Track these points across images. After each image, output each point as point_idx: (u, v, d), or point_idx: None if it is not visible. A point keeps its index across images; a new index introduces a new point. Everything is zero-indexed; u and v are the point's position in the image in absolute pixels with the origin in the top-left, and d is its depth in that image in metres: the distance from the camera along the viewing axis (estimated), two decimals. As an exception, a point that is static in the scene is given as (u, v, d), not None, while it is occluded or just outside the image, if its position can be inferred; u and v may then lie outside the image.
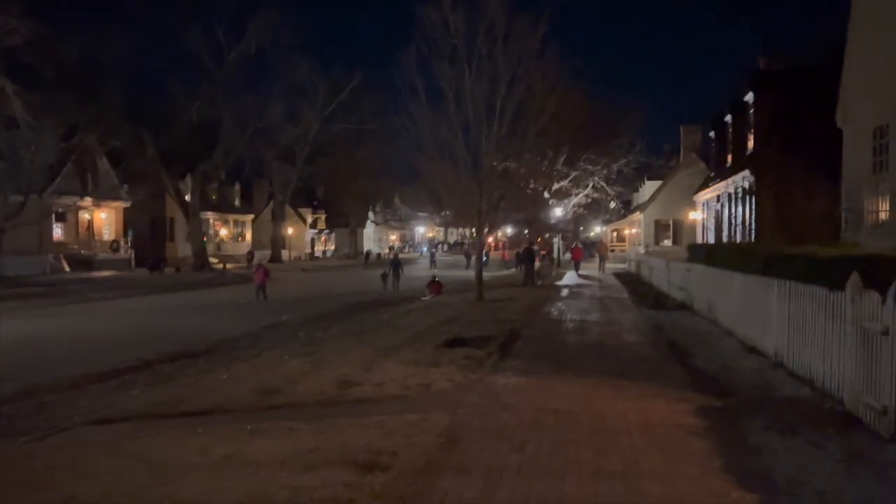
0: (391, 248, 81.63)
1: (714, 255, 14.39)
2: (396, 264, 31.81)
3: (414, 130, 19.87)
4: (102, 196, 44.63)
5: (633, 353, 10.26)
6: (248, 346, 15.57)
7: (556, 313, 16.29)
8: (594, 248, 50.14)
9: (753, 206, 21.01)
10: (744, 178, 22.09)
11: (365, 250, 70.80)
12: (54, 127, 32.89)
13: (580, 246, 43.35)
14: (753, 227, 20.94)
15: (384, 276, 31.54)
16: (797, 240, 15.67)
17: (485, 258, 46.73)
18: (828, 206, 15.71)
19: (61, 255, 40.93)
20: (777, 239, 15.68)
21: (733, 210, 24.41)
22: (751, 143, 22.93)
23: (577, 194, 46.19)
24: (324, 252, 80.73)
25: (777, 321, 8.96)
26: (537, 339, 11.65)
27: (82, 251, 43.14)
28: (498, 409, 6.66)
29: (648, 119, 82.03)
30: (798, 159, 18.37)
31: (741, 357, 9.75)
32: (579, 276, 33.14)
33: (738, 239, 22.95)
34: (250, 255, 50.02)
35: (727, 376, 8.52)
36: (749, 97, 23.03)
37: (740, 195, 23.38)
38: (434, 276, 27.25)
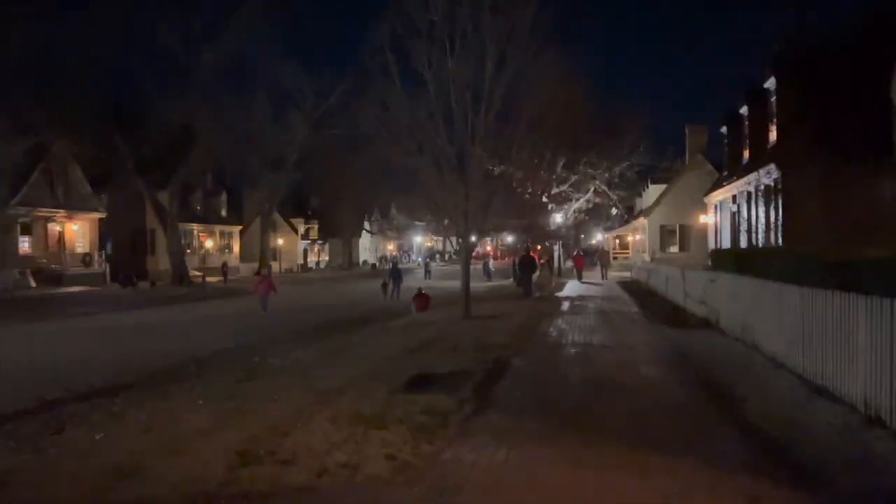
0: (383, 258, 79.16)
1: (747, 261, 11.71)
2: (397, 274, 31.50)
3: (389, 124, 17.24)
4: (75, 206, 41.98)
5: (657, 398, 7.53)
6: (181, 379, 12.92)
7: (554, 334, 13.56)
8: (595, 256, 47.76)
9: (780, 205, 18.28)
10: (767, 174, 19.40)
11: (390, 258, 68.09)
12: (9, 133, 30.34)
13: (581, 254, 41.89)
14: (780, 228, 18.22)
15: (384, 286, 30.69)
16: (842, 241, 13.01)
17: (492, 268, 44.49)
18: (879, 199, 13.05)
19: (27, 270, 38.21)
20: (822, 240, 12.99)
21: (754, 211, 21.69)
22: (773, 135, 20.24)
23: (577, 199, 43.72)
24: (317, 263, 78.00)
25: (868, 356, 6.25)
26: (528, 376, 8.92)
27: (52, 265, 40.44)
28: (448, 534, 3.95)
29: (651, 119, 78.84)
30: (835, 148, 15.71)
31: (809, 404, 7.02)
32: (582, 283, 32.92)
33: (761, 243, 20.23)
34: (225, 267, 47.42)
35: (802, 441, 5.80)
36: (770, 83, 20.37)
37: (762, 193, 20.66)
38: (420, 289, 24.51)
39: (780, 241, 18.13)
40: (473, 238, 17.45)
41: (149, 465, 5.84)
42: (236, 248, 63.44)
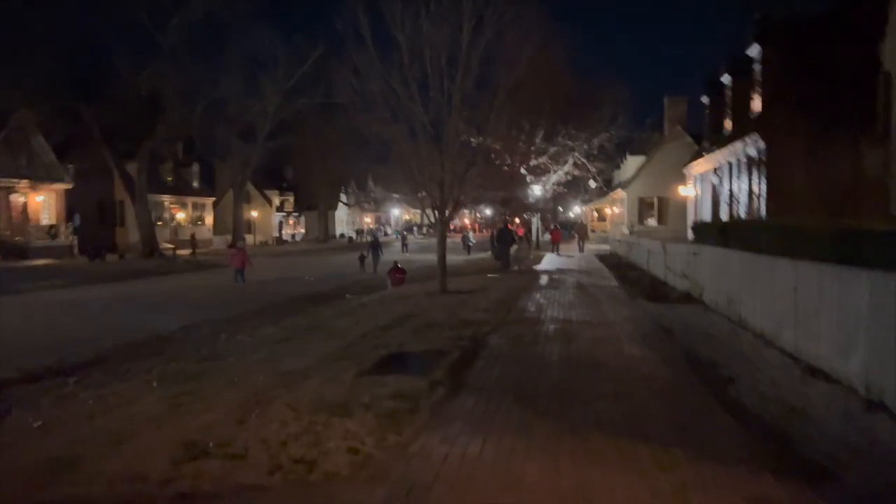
0: (360, 231, 78.62)
1: (733, 233, 11.28)
2: (375, 246, 31.26)
3: (362, 90, 16.48)
4: (39, 177, 40.55)
5: (643, 378, 7.07)
6: (141, 358, 12.34)
7: (533, 309, 13.09)
8: (573, 230, 47.57)
9: (764, 176, 17.91)
10: (751, 145, 18.99)
11: (366, 231, 66.85)
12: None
13: (558, 227, 41.86)
14: (764, 200, 17.87)
15: (362, 259, 30.54)
16: (830, 213, 12.67)
17: (471, 241, 43.90)
18: (865, 169, 12.70)
19: (-11, 244, 36.96)
20: (808, 212, 12.62)
21: (736, 182, 21.33)
22: (757, 105, 19.81)
23: (556, 171, 43.29)
24: (293, 236, 76.97)
25: (870, 337, 5.81)
26: (506, 356, 8.42)
27: (16, 238, 39.12)
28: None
29: (631, 90, 77.82)
30: (821, 117, 15.31)
31: (804, 386, 6.60)
32: (559, 256, 33.11)
33: (743, 215, 19.90)
34: (193, 239, 46.43)
35: (800, 429, 5.36)
36: (754, 51, 19.87)
37: (745, 164, 20.28)
38: (396, 263, 23.97)
39: (763, 212, 17.80)
40: (449, 210, 16.84)
41: (88, 458, 5.27)
42: (209, 220, 62.22)
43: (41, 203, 42.07)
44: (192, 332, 15.49)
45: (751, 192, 19.13)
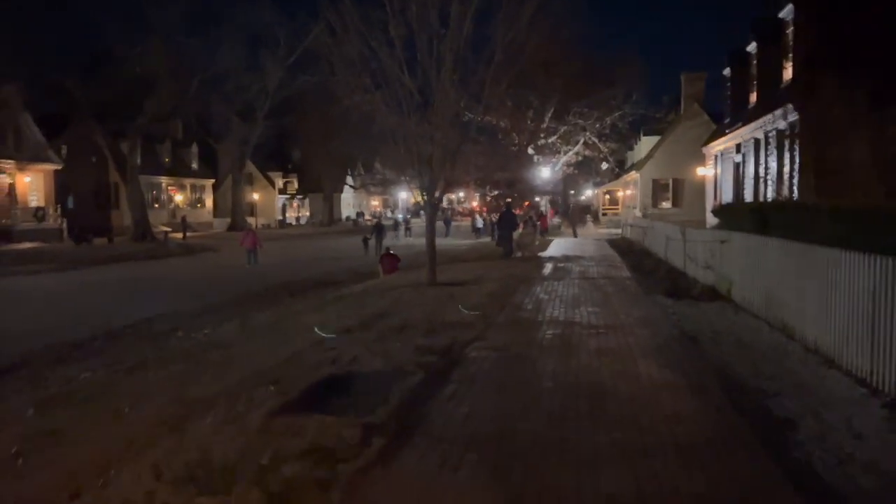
0: (360, 214, 77.14)
1: (774, 219, 9.24)
2: (380, 229, 30.90)
3: (342, 53, 14.49)
4: (26, 157, 38.79)
5: (666, 420, 5.07)
6: (74, 360, 10.73)
7: (530, 307, 11.12)
8: (570, 213, 45.07)
9: (797, 152, 15.78)
10: (781, 117, 16.85)
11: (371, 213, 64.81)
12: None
13: (544, 214, 40.85)
14: (797, 179, 15.76)
15: (366, 241, 30.43)
16: (888, 194, 10.65)
17: (480, 225, 41.81)
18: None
19: (-29, 227, 35.35)
20: (852, 192, 10.59)
21: (762, 161, 19.17)
22: (789, 73, 17.63)
23: (566, 152, 41.26)
24: (297, 219, 75.18)
25: None
26: (485, 378, 6.45)
27: (1, 220, 37.45)
28: None
29: (646, 66, 73.90)
30: (867, 83, 13.17)
31: (897, 436, 4.63)
32: (548, 239, 32.15)
33: (770, 197, 17.79)
34: (184, 222, 44.74)
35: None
36: (787, 12, 17.67)
37: (774, 141, 18.13)
38: (388, 249, 22.12)
39: (795, 193, 15.70)
40: (438, 191, 14.89)
41: None
42: (209, 202, 60.47)
43: (28, 184, 40.38)
44: (148, 326, 13.94)
45: (780, 170, 17.00)
